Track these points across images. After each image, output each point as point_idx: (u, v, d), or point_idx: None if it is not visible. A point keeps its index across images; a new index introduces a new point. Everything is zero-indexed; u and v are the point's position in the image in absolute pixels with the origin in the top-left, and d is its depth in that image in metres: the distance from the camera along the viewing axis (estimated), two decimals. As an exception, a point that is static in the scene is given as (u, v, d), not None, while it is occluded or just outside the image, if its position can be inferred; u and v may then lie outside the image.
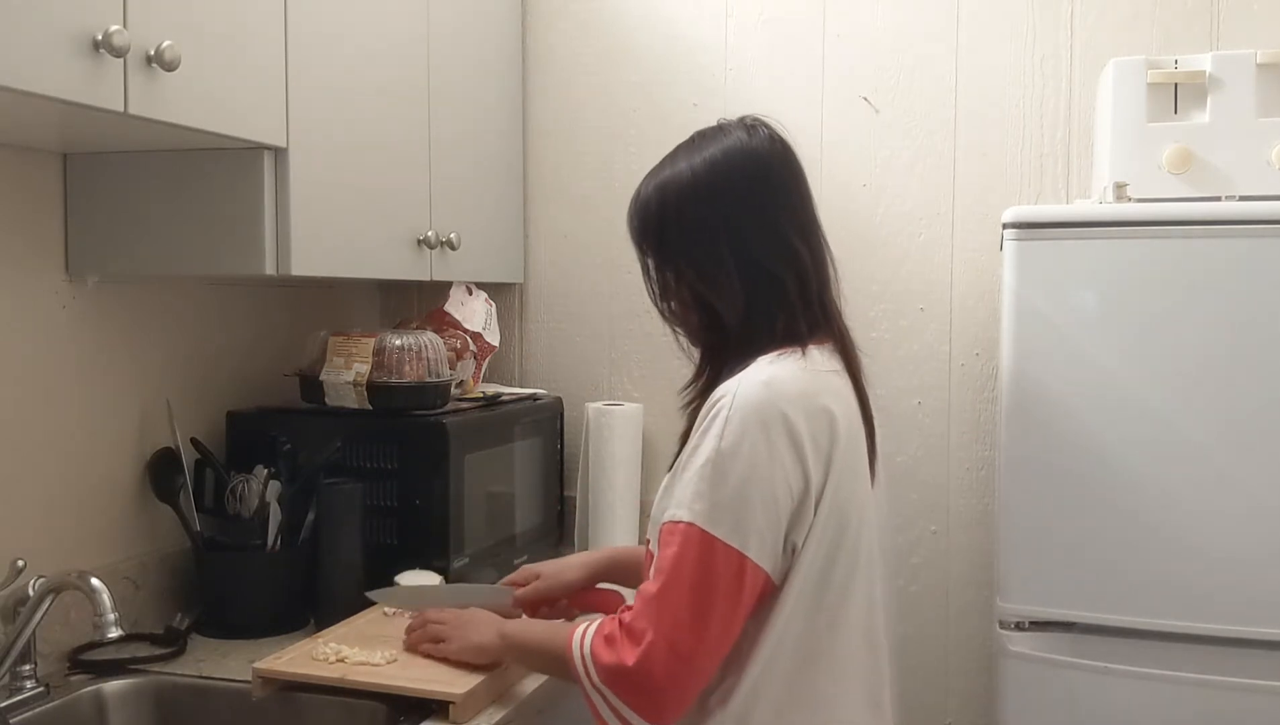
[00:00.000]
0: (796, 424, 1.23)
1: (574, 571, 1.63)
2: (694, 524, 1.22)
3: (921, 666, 2.21)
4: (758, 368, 1.27)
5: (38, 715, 1.48)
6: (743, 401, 1.23)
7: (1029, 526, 1.76)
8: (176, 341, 1.88)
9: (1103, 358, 1.71)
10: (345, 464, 1.86)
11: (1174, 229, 1.68)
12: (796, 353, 1.29)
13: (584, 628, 1.30)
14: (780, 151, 1.37)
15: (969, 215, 2.19)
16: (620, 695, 1.23)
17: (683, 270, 1.35)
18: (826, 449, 1.25)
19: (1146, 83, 1.79)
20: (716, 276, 1.32)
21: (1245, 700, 1.65)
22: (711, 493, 1.22)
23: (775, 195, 1.35)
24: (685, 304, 1.38)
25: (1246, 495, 1.65)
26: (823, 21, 2.25)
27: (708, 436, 1.24)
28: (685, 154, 1.37)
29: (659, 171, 1.39)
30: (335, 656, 1.52)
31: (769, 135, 1.37)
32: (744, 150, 1.35)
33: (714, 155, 1.35)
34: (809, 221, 1.37)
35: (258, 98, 1.54)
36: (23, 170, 1.60)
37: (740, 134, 1.36)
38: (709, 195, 1.33)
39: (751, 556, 1.21)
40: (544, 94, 2.42)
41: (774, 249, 1.32)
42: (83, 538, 1.69)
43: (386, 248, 1.90)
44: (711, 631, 1.21)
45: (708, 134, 1.38)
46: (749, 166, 1.34)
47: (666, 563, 1.23)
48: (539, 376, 2.45)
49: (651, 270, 1.39)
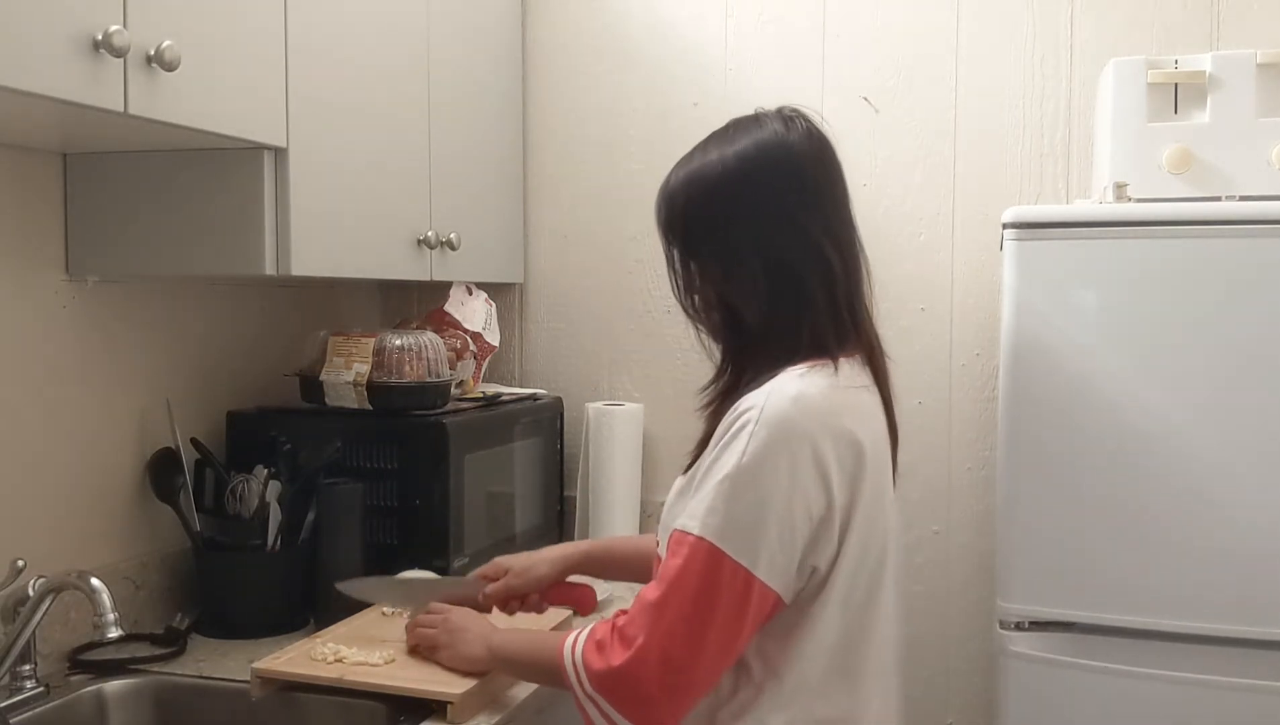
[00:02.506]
0: (823, 446, 1.19)
1: (544, 566, 1.59)
2: (704, 538, 1.18)
3: (922, 666, 2.21)
4: (787, 381, 1.22)
5: (38, 715, 1.48)
6: (769, 417, 1.19)
7: (1029, 526, 1.76)
8: (176, 341, 1.88)
9: (1103, 357, 1.71)
10: (345, 464, 1.87)
11: (1174, 229, 1.68)
12: (827, 367, 1.24)
13: (575, 635, 1.28)
14: (816, 148, 1.31)
15: (969, 215, 2.18)
16: (610, 701, 1.21)
17: (706, 266, 1.30)
18: (852, 473, 1.21)
19: (1146, 83, 1.79)
20: (739, 276, 1.27)
21: (1245, 700, 1.65)
22: (726, 508, 1.18)
23: (806, 194, 1.28)
24: (708, 301, 1.32)
25: (1247, 495, 1.65)
26: (823, 21, 2.25)
27: (730, 450, 1.20)
28: (717, 144, 1.31)
29: (689, 161, 1.32)
30: (334, 656, 1.53)
31: (807, 129, 1.31)
32: (777, 144, 1.28)
33: (745, 147, 1.28)
34: (842, 224, 1.31)
35: (258, 98, 1.54)
36: (23, 170, 1.60)
37: (776, 126, 1.30)
38: (737, 190, 1.27)
39: (760, 576, 1.18)
40: (544, 94, 2.42)
41: (802, 252, 1.26)
42: (83, 538, 1.70)
43: (386, 248, 1.90)
44: (709, 646, 1.19)
45: (743, 124, 1.32)
46: (781, 162, 1.28)
47: (670, 572, 1.21)
48: (539, 376, 2.45)
49: (676, 263, 1.33)
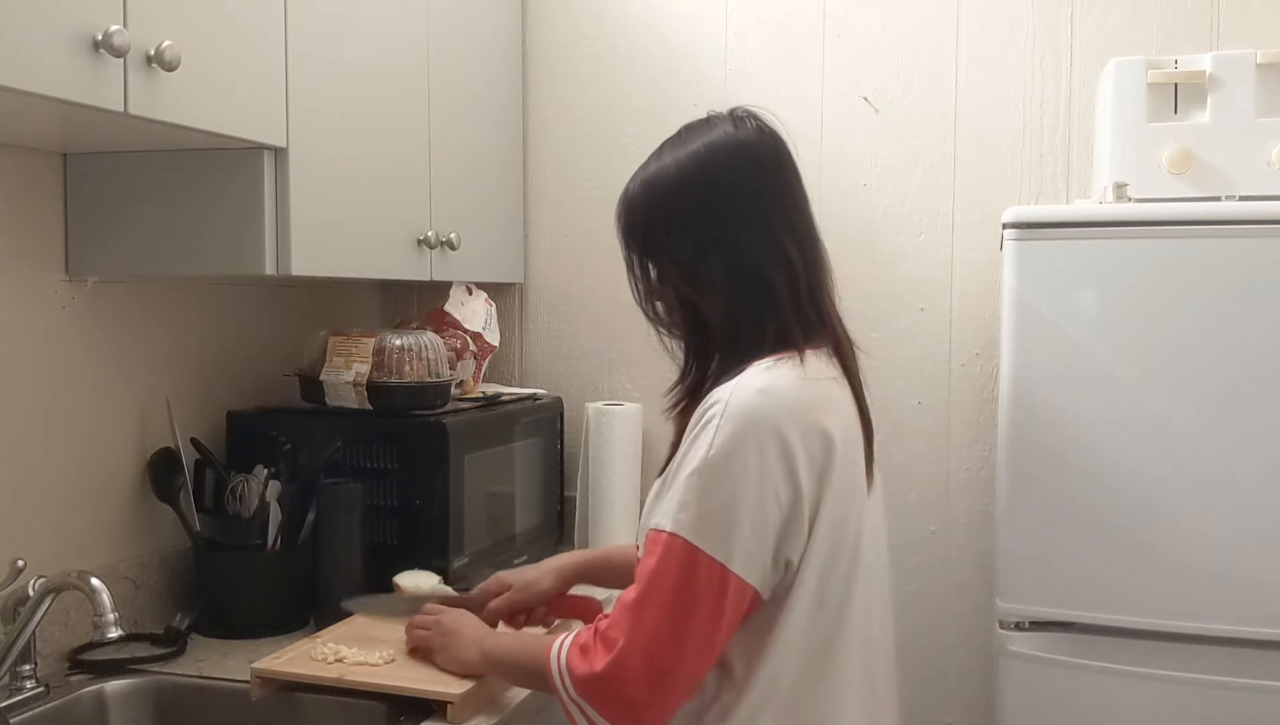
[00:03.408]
0: (790, 437, 1.19)
1: (547, 579, 1.59)
2: (677, 535, 1.18)
3: (921, 666, 2.21)
4: (753, 374, 1.23)
5: (38, 715, 1.48)
6: (735, 410, 1.19)
7: (1029, 526, 1.76)
8: (176, 341, 1.88)
9: (1103, 358, 1.71)
10: (345, 464, 1.87)
11: (1174, 229, 1.68)
12: (794, 359, 1.24)
13: (561, 640, 1.27)
14: (769, 144, 1.31)
15: (969, 215, 2.18)
16: (594, 705, 1.21)
17: (666, 270, 1.31)
18: (821, 465, 1.21)
19: (1146, 83, 1.79)
20: (700, 277, 1.28)
21: (1245, 700, 1.65)
22: (698, 503, 1.18)
23: (763, 191, 1.29)
24: (669, 304, 1.33)
25: (1246, 495, 1.65)
26: (823, 21, 2.25)
27: (697, 444, 1.20)
28: (671, 149, 1.32)
29: (645, 167, 1.34)
30: (333, 656, 1.53)
31: (757, 127, 1.31)
32: (730, 143, 1.29)
33: (698, 150, 1.29)
34: (800, 218, 1.31)
35: (258, 98, 1.54)
36: (23, 170, 1.60)
37: (727, 126, 1.31)
38: (693, 192, 1.28)
39: (736, 570, 1.17)
40: (544, 94, 2.42)
41: (762, 248, 1.27)
42: (83, 538, 1.70)
43: (386, 248, 1.90)
44: (691, 644, 1.18)
45: (694, 127, 1.33)
46: (735, 161, 1.29)
47: (647, 572, 1.20)
48: (539, 376, 2.45)
49: (635, 268, 1.34)
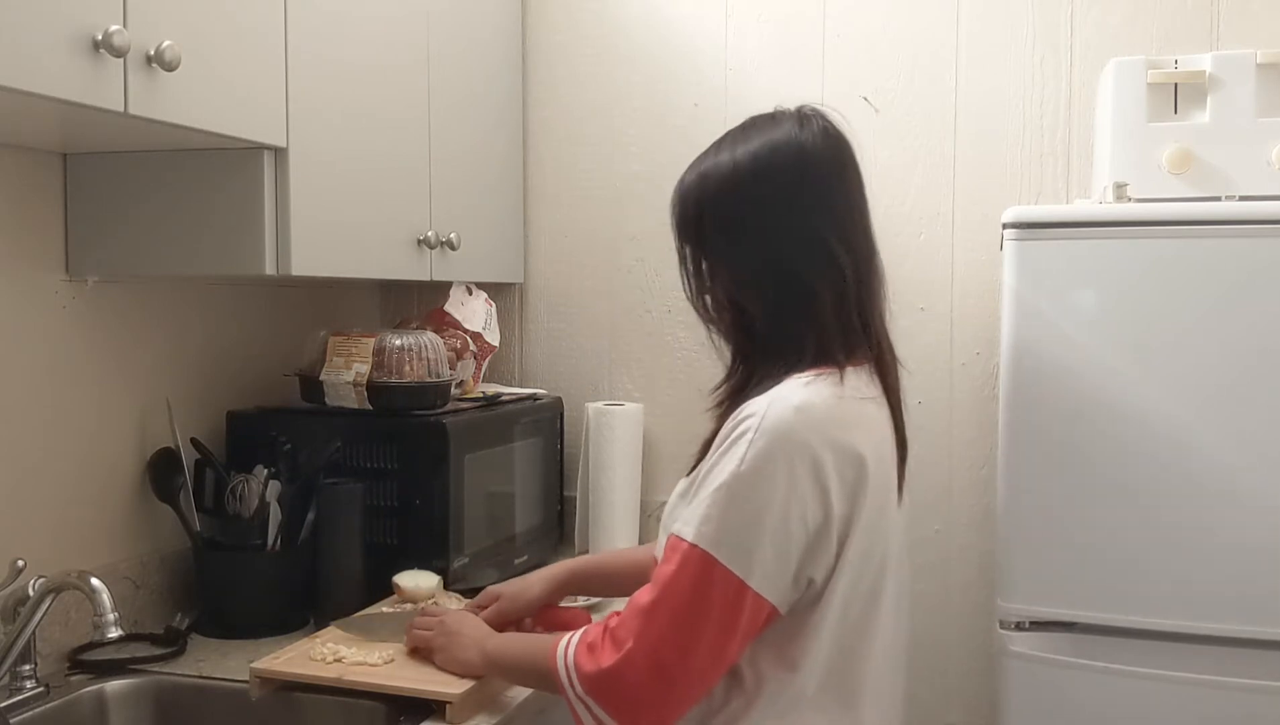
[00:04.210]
0: (822, 457, 1.17)
1: (535, 588, 1.59)
2: (697, 545, 1.18)
3: (922, 666, 2.21)
4: (790, 388, 1.21)
5: (38, 715, 1.48)
6: (769, 426, 1.17)
7: (1029, 526, 1.75)
8: (176, 341, 1.88)
9: (1103, 357, 1.70)
10: (345, 464, 1.86)
11: (1174, 229, 1.68)
12: (833, 376, 1.22)
13: (569, 638, 1.27)
14: (831, 148, 1.27)
15: (969, 215, 2.18)
16: (600, 703, 1.21)
17: (716, 267, 1.29)
18: (853, 488, 1.20)
19: (1146, 83, 1.79)
20: (747, 279, 1.26)
21: (1245, 700, 1.65)
22: (721, 517, 1.17)
23: (819, 197, 1.25)
24: (719, 302, 1.31)
25: (1247, 495, 1.65)
26: (823, 21, 2.24)
27: (728, 457, 1.19)
28: (731, 143, 1.29)
29: (704, 159, 1.30)
30: (333, 656, 1.53)
31: (822, 128, 1.28)
32: (790, 144, 1.26)
33: (758, 147, 1.26)
34: (856, 227, 1.28)
35: (258, 98, 1.54)
36: (23, 170, 1.60)
37: (791, 126, 1.27)
38: (746, 191, 1.25)
39: (753, 585, 1.17)
40: (544, 94, 2.42)
41: (810, 257, 1.24)
42: (83, 538, 1.70)
43: (386, 248, 1.90)
44: (699, 653, 1.18)
45: (758, 122, 1.30)
46: (793, 163, 1.25)
47: (663, 578, 1.20)
48: (539, 376, 2.45)
49: (688, 262, 1.32)
